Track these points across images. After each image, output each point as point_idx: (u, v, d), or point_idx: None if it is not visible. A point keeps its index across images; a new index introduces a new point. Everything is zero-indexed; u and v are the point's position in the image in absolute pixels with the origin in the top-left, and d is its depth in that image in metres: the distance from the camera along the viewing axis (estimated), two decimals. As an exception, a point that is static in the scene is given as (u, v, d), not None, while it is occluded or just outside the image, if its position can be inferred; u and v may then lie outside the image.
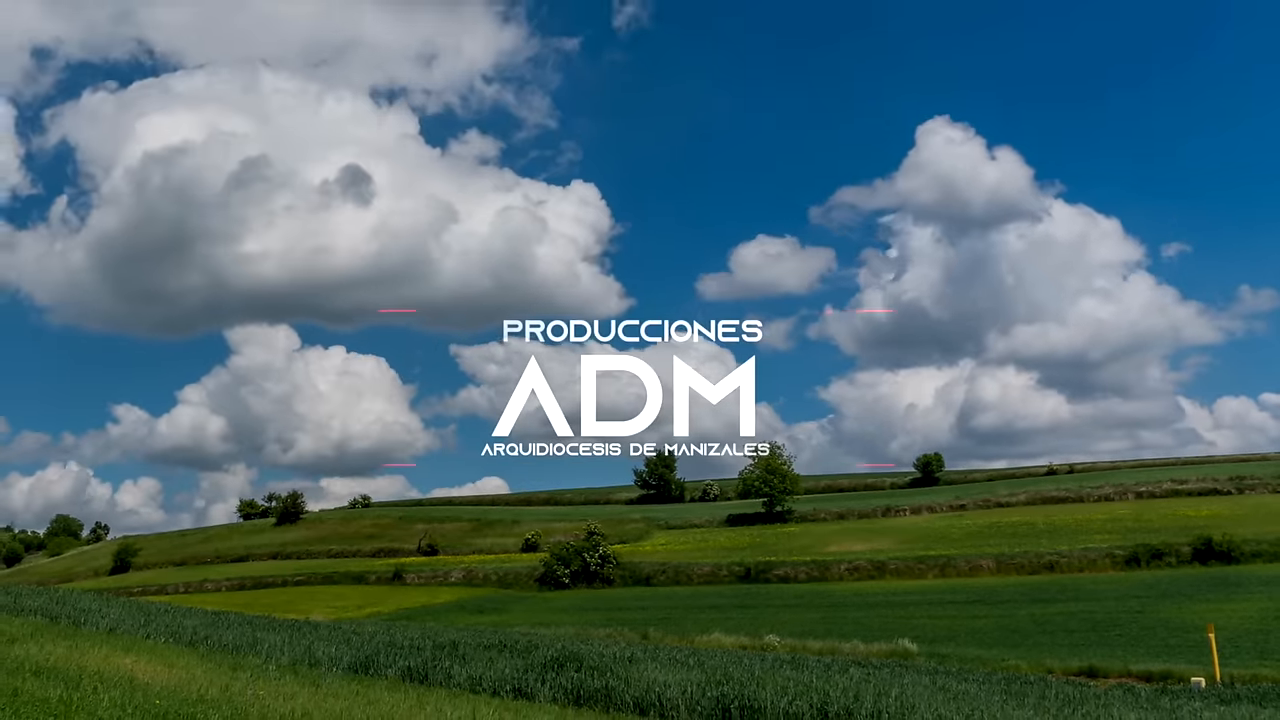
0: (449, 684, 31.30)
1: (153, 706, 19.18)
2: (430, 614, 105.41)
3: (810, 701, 27.66)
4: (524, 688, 30.69)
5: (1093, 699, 36.87)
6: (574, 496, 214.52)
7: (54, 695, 18.52)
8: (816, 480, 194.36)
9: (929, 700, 29.18)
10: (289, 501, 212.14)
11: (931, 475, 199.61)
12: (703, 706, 28.33)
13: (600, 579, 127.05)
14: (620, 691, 29.66)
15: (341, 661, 33.03)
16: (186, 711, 19.23)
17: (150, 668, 25.47)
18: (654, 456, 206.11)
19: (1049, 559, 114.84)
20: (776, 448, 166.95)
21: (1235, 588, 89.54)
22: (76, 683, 20.89)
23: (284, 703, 22.52)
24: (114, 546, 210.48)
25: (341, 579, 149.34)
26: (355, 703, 24.39)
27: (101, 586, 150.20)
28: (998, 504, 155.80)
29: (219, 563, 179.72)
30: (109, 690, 20.29)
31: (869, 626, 78.80)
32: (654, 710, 28.70)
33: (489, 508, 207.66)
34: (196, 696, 21.58)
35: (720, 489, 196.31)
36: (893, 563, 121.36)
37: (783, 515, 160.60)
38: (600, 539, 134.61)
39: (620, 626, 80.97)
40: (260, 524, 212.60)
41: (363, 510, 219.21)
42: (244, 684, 25.05)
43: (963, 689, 36.09)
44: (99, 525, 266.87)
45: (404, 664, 32.92)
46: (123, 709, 18.31)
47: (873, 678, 36.42)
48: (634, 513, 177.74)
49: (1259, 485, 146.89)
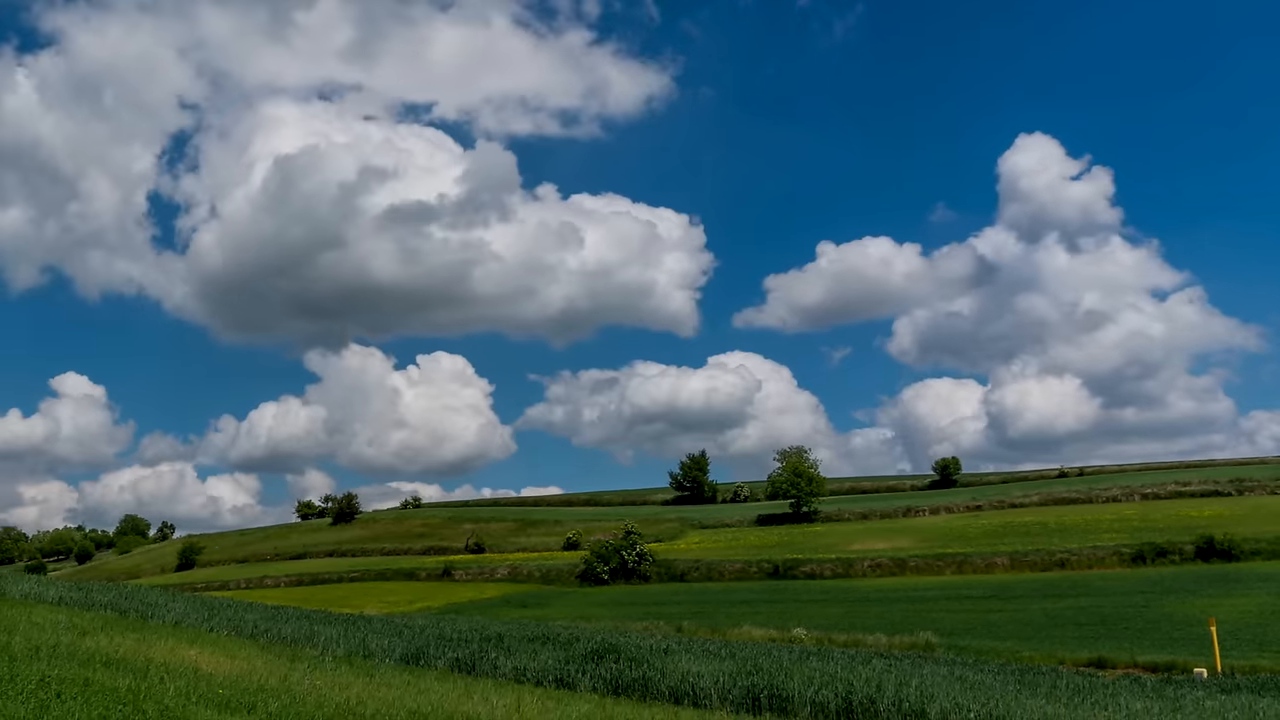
0: (495, 674, 31.23)
1: (216, 695, 19.13)
2: (477, 608, 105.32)
3: (835, 691, 27.57)
4: (565, 678, 30.64)
5: (1101, 688, 36.71)
6: (613, 498, 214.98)
7: (123, 685, 18.46)
8: (840, 482, 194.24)
9: (947, 689, 29.05)
10: (344, 502, 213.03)
11: (949, 478, 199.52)
12: (734, 696, 28.24)
13: (637, 575, 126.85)
14: (656, 681, 29.59)
15: (394, 653, 32.98)
16: (248, 700, 19.18)
17: (213, 659, 25.46)
18: (688, 460, 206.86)
19: (1060, 556, 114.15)
20: (803, 452, 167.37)
21: (1235, 584, 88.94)
22: (144, 673, 20.85)
23: (339, 692, 22.45)
24: (179, 545, 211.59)
25: (393, 575, 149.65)
26: (407, 692, 24.32)
27: (167, 582, 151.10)
28: (1012, 505, 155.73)
29: (278, 560, 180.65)
30: (175, 680, 20.25)
31: (890, 620, 78.37)
32: (688, 699, 28.58)
33: (532, 508, 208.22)
34: (257, 686, 21.54)
35: (750, 490, 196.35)
36: (913, 560, 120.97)
37: (809, 515, 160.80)
38: (637, 538, 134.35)
39: (656, 620, 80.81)
40: (317, 524, 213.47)
41: (413, 510, 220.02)
42: (301, 674, 25.01)
43: (979, 679, 35.85)
44: (165, 525, 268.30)
45: (452, 655, 32.84)
46: (188, 698, 18.26)
47: (894, 668, 36.15)
48: (669, 513, 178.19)
49: (1258, 487, 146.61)
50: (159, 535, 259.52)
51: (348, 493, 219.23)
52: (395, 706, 21.39)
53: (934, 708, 26.33)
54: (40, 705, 14.99)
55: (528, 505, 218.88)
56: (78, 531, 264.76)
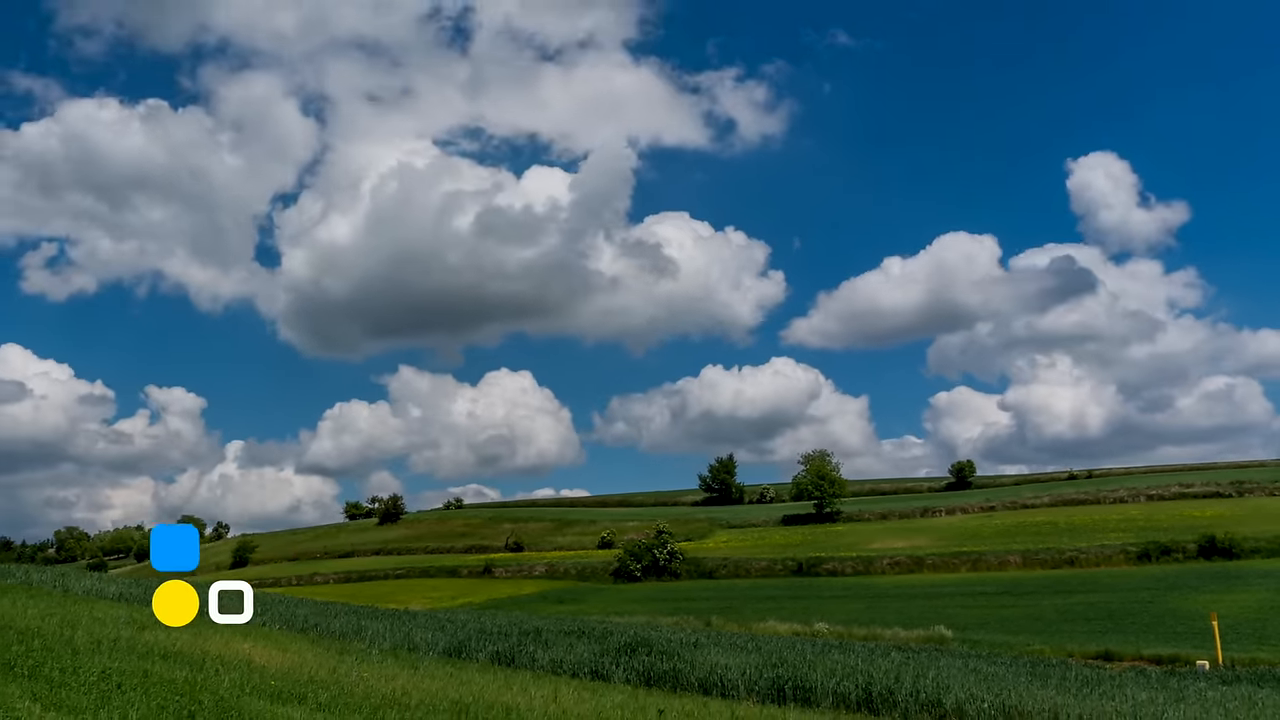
0: (533, 666, 31.21)
1: (268, 687, 19.13)
2: (516, 604, 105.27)
3: (856, 682, 27.69)
4: (600, 669, 30.61)
5: (1109, 680, 36.48)
6: (645, 499, 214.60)
7: (180, 676, 18.49)
8: (861, 484, 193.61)
9: (962, 680, 29.04)
10: (390, 503, 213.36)
11: (964, 480, 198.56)
12: (760, 686, 28.25)
13: (668, 573, 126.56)
14: (686, 673, 29.60)
15: (437, 646, 32.98)
16: (298, 691, 19.17)
17: (266, 652, 25.46)
18: (716, 463, 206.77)
19: (1069, 555, 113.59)
20: (826, 455, 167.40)
21: (1236, 580, 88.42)
22: (200, 665, 20.88)
23: (386, 683, 22.43)
24: (234, 544, 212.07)
25: (437, 573, 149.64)
26: (450, 683, 24.27)
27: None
28: (1023, 505, 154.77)
29: (327, 558, 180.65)
30: (229, 672, 20.27)
31: (908, 615, 78.03)
32: (716, 690, 28.55)
33: (568, 509, 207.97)
34: (307, 677, 21.53)
35: (776, 492, 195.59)
36: (930, 558, 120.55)
37: (831, 516, 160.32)
38: (668, 537, 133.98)
39: (686, 615, 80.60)
40: (364, 524, 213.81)
41: (455, 511, 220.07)
42: (350, 666, 25.00)
43: (992, 671, 35.61)
44: (220, 525, 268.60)
45: (493, 648, 32.83)
46: (241, 689, 18.28)
47: (912, 661, 36.01)
48: (699, 513, 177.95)
49: (1257, 489, 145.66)
50: (214, 535, 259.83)
51: (393, 494, 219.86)
52: (439, 697, 21.34)
53: (949, 698, 26.43)
54: (102, 696, 15.01)
55: (564, 506, 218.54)
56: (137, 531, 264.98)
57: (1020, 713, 25.80)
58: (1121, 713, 26.09)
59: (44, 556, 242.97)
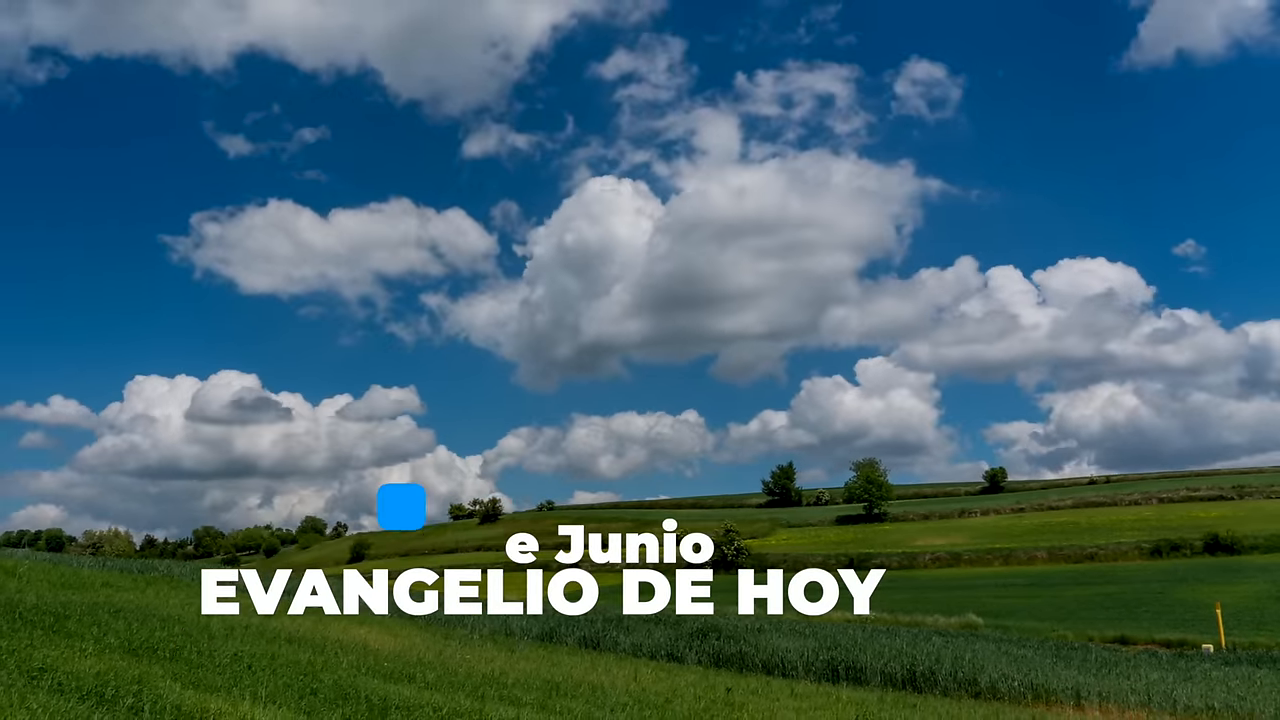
0: (616, 650, 31.09)
1: (381, 668, 19.05)
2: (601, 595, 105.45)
3: (902, 663, 27.89)
4: (675, 652, 30.56)
5: (1125, 661, 37.03)
6: (714, 502, 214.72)
7: (304, 658, 18.42)
8: (905, 488, 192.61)
9: (995, 662, 29.36)
10: (489, 505, 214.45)
11: (997, 484, 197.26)
12: (816, 668, 28.41)
13: (736, 567, 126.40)
14: (751, 656, 29.71)
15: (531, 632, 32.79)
16: (408, 672, 19.06)
17: (380, 637, 25.44)
18: (778, 470, 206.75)
19: (1090, 551, 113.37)
20: (875, 462, 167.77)
21: (1237, 574, 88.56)
22: (321, 648, 20.82)
23: (485, 664, 22.35)
24: (351, 541, 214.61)
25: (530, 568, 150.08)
26: (542, 664, 24.22)
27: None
28: (1049, 507, 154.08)
29: (434, 554, 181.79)
30: (347, 655, 20.20)
31: (947, 604, 77.13)
32: (778, 670, 28.68)
33: (647, 510, 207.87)
34: (416, 659, 21.44)
35: (830, 495, 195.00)
36: (966, 554, 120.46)
37: (879, 516, 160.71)
38: (735, 535, 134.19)
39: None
40: (467, 523, 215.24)
41: (548, 512, 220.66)
42: (454, 649, 24.96)
43: (1021, 653, 35.68)
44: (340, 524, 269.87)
45: (580, 634, 32.69)
46: (358, 670, 18.17)
47: (950, 645, 35.60)
48: (762, 514, 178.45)
49: (1256, 492, 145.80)
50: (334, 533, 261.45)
51: (493, 497, 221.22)
52: (533, 676, 21.22)
53: (984, 677, 26.78)
54: (234, 676, 14.92)
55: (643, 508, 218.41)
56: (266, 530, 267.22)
57: (1047, 690, 26.16)
58: (1136, 690, 26.55)
59: (184, 552, 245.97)
